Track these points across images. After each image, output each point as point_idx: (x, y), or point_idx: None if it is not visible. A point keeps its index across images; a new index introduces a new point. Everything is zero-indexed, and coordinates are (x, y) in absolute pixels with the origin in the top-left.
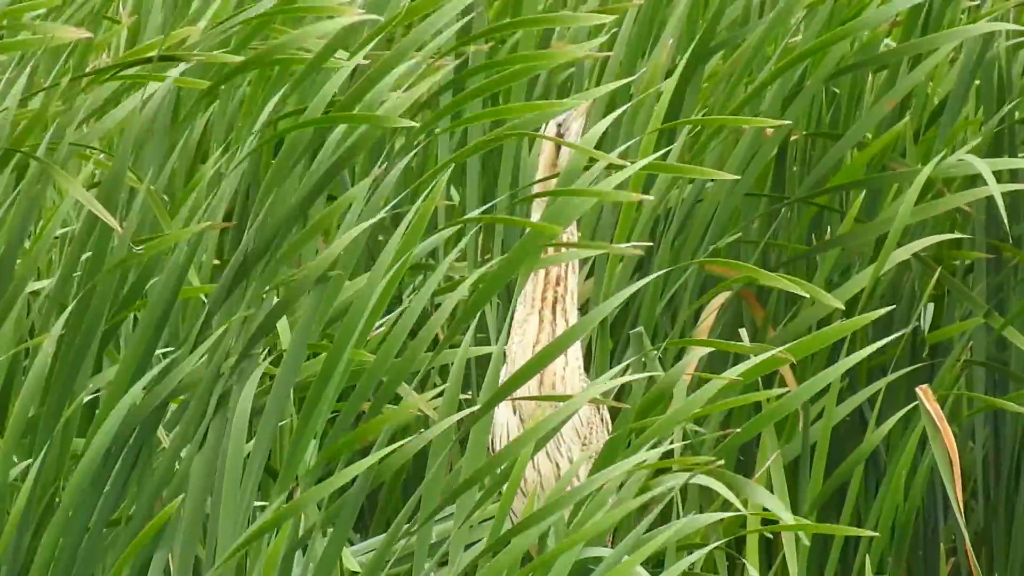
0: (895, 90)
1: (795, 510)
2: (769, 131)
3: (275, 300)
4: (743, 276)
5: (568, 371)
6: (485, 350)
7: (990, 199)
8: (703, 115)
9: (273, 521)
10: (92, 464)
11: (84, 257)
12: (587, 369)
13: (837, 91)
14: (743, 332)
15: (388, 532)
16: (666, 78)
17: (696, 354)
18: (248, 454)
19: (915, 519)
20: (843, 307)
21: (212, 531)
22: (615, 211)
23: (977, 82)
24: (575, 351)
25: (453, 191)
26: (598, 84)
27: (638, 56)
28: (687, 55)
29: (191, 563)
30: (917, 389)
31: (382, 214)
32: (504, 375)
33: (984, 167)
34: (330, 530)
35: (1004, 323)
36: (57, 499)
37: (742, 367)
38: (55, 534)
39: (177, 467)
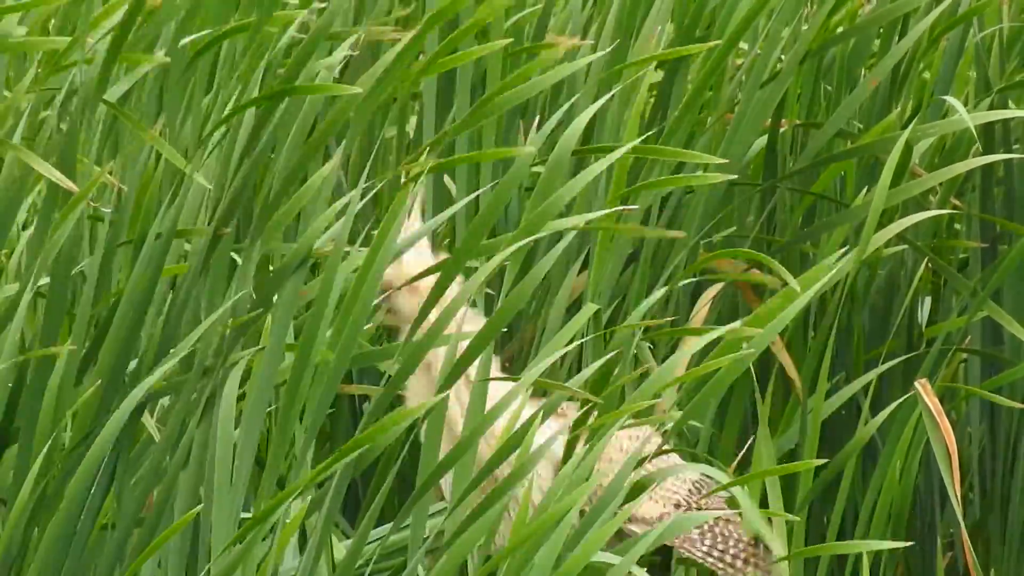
0: (877, 68)
1: (790, 503)
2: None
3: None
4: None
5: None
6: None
7: (984, 194)
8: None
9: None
10: (90, 464)
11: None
12: (580, 364)
13: (830, 88)
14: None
15: (361, 528)
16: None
17: (691, 345)
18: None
19: (912, 513)
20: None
21: (204, 526)
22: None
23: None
24: None
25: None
26: (586, 78)
27: (625, 45)
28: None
29: (183, 562)
30: (916, 383)
31: (346, 197)
32: None
33: (964, 112)
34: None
35: None
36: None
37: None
38: (51, 535)
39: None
